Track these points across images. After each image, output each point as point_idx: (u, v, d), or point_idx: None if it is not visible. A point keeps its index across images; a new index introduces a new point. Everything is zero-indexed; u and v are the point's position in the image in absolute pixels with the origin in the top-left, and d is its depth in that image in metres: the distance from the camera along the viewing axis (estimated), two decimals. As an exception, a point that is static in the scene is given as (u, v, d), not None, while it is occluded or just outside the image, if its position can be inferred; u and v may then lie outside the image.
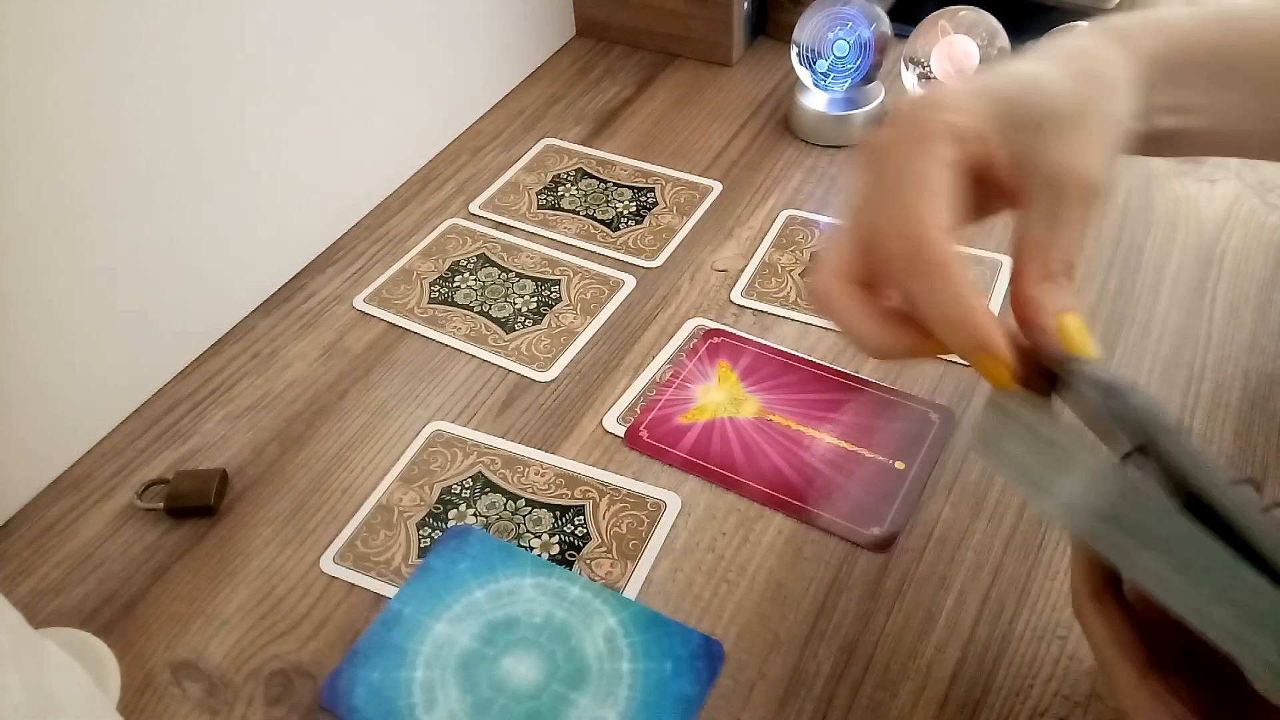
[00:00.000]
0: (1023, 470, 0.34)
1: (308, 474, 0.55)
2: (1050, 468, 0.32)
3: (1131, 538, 0.30)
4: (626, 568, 0.50)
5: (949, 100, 0.34)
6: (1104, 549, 0.31)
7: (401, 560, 0.51)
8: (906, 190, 0.32)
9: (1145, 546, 0.30)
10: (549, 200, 0.73)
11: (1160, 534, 0.30)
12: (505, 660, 0.46)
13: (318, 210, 0.69)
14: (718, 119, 0.80)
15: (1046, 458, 0.33)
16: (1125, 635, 0.34)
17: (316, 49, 0.64)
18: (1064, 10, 0.83)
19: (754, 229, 0.70)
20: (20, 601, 0.49)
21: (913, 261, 0.31)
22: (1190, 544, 0.30)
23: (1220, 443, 0.54)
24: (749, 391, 0.58)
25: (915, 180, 0.32)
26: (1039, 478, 0.33)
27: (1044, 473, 0.33)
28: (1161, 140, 0.40)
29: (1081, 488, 0.31)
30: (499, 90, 0.84)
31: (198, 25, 0.55)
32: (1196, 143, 0.41)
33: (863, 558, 0.50)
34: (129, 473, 0.56)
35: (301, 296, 0.66)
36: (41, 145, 0.49)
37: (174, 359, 0.61)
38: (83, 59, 0.49)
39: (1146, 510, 0.30)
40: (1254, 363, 0.59)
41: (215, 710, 0.45)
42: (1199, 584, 0.30)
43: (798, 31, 0.76)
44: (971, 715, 0.44)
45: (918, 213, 0.31)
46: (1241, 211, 0.69)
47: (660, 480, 0.54)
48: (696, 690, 0.45)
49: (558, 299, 0.65)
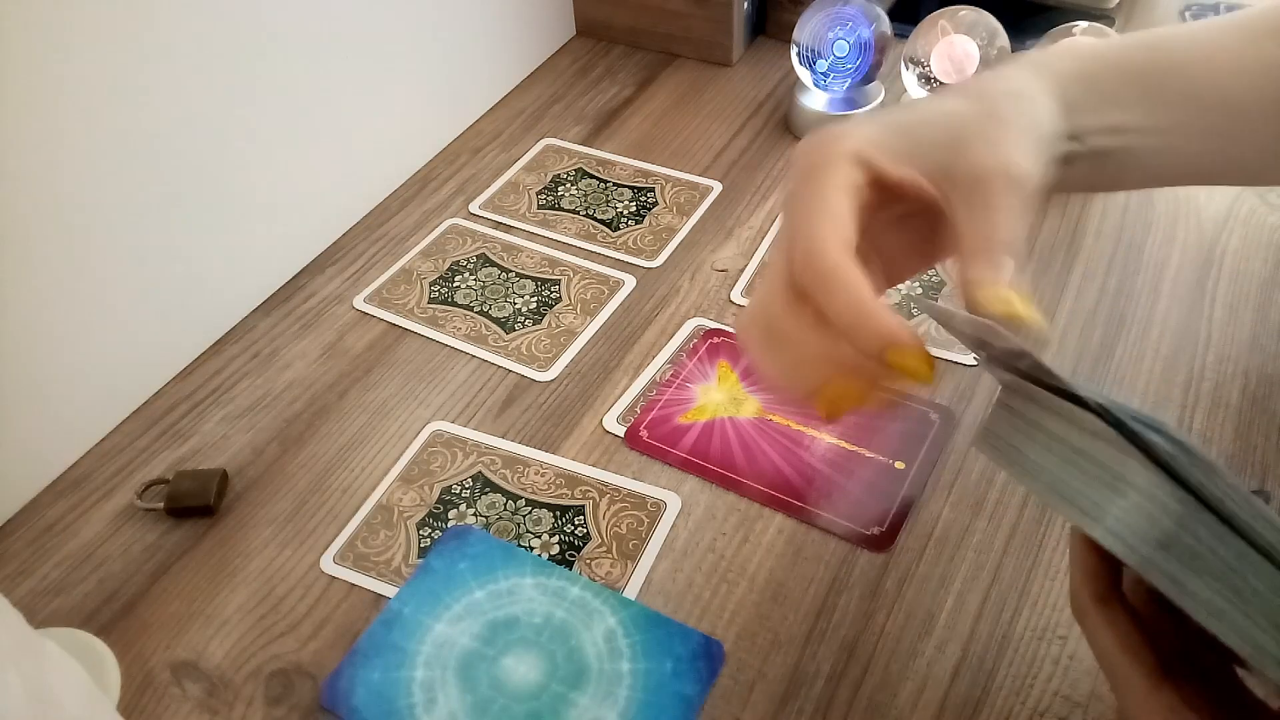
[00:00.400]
0: (1056, 488, 0.31)
1: (308, 474, 0.55)
2: (1093, 488, 0.30)
3: (1187, 566, 0.29)
4: (626, 568, 0.50)
5: (848, 131, 0.36)
6: (1156, 578, 0.29)
7: (401, 560, 0.51)
8: (808, 216, 0.34)
9: (1200, 574, 0.29)
10: (549, 200, 0.73)
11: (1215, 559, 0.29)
12: (505, 660, 0.46)
13: (318, 210, 0.69)
14: (718, 119, 0.80)
15: (1087, 475, 0.30)
16: (1135, 642, 0.33)
17: (317, 49, 0.64)
18: (1064, 10, 0.83)
19: (754, 229, 0.70)
20: (20, 601, 0.49)
21: (813, 274, 0.33)
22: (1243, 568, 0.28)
23: (1220, 443, 0.54)
24: (749, 391, 0.58)
25: (816, 205, 0.34)
26: (1080, 499, 0.30)
27: (1086, 493, 0.30)
28: (1109, 163, 0.40)
29: (1137, 515, 0.29)
30: (499, 90, 0.84)
31: (198, 25, 0.55)
32: (1147, 165, 0.41)
33: (863, 558, 0.50)
34: (129, 473, 0.56)
35: (301, 296, 0.66)
36: (42, 146, 0.49)
37: (174, 359, 0.61)
38: (84, 60, 0.49)
39: (1199, 535, 0.28)
40: (1254, 363, 0.59)
41: (215, 710, 0.45)
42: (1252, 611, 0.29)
43: (798, 31, 0.76)
44: (971, 715, 0.44)
45: (818, 232, 0.33)
46: (1241, 211, 0.69)
47: (660, 480, 0.54)
48: (696, 690, 0.45)
49: (558, 299, 0.65)
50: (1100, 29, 0.71)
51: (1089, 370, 0.59)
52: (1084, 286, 0.64)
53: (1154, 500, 0.29)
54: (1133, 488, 0.29)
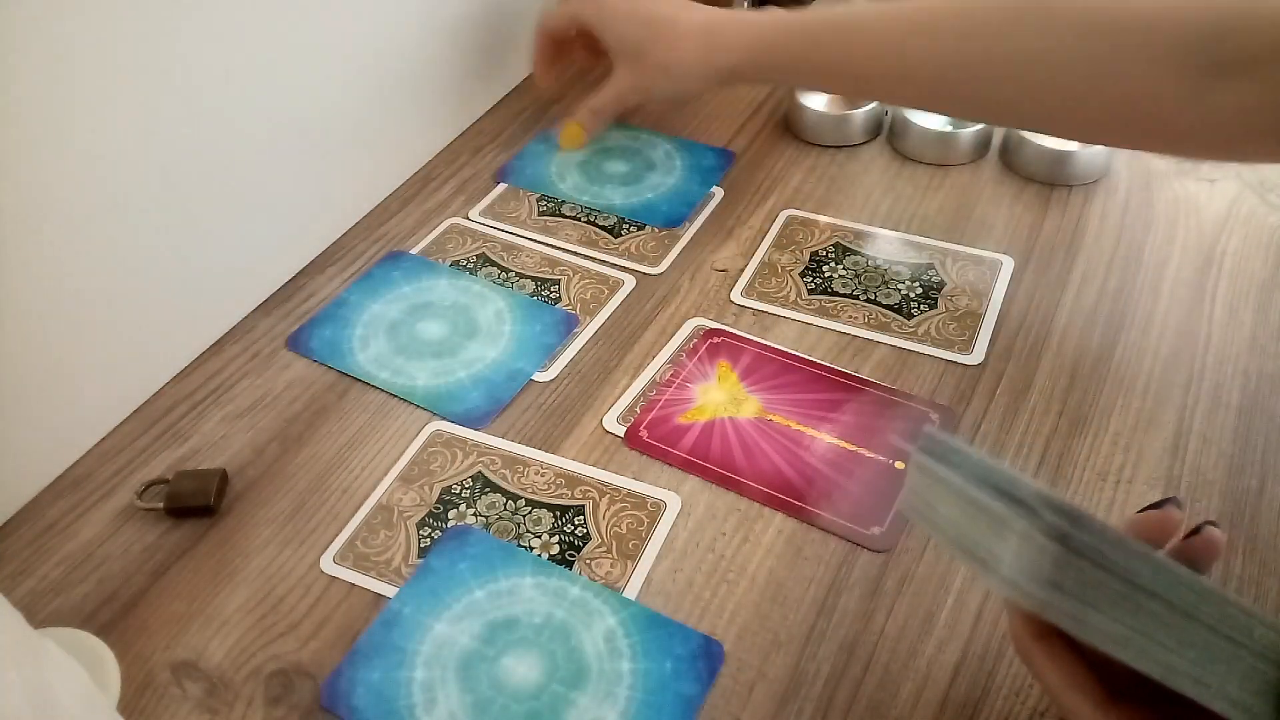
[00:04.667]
0: (960, 541, 0.33)
1: (308, 474, 0.55)
2: (986, 537, 0.31)
3: (1080, 602, 0.30)
4: (626, 568, 0.50)
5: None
6: (1056, 617, 0.30)
7: (401, 560, 0.51)
8: None
9: (1096, 607, 0.30)
10: (549, 207, 0.72)
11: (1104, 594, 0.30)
12: (505, 660, 0.46)
13: (318, 210, 0.69)
14: (718, 119, 0.80)
15: (979, 525, 0.31)
16: (1078, 675, 0.34)
17: (317, 49, 0.64)
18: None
19: (754, 229, 0.70)
20: (20, 601, 0.49)
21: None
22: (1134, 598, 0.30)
23: (1220, 443, 0.54)
24: (749, 391, 0.58)
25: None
26: (979, 549, 0.32)
27: (983, 543, 0.31)
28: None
29: (1021, 558, 0.30)
30: (499, 90, 0.84)
31: (199, 25, 0.55)
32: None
33: (863, 558, 0.50)
34: (129, 473, 0.56)
35: (301, 296, 0.66)
36: (41, 146, 0.49)
37: (174, 359, 0.61)
38: (83, 61, 0.49)
39: (1083, 572, 0.30)
40: (1254, 363, 0.59)
41: (215, 710, 0.45)
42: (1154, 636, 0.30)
43: (798, 31, 0.76)
44: (971, 715, 0.44)
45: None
46: (1241, 211, 0.69)
47: (660, 480, 0.54)
48: (696, 690, 0.45)
49: (558, 299, 0.65)
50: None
51: (1089, 370, 0.59)
52: (1084, 286, 0.64)
53: (1031, 541, 0.30)
54: (1012, 531, 0.30)
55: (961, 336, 0.61)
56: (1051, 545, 0.29)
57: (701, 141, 0.78)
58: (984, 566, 0.32)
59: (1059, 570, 0.29)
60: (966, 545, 0.32)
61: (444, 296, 0.65)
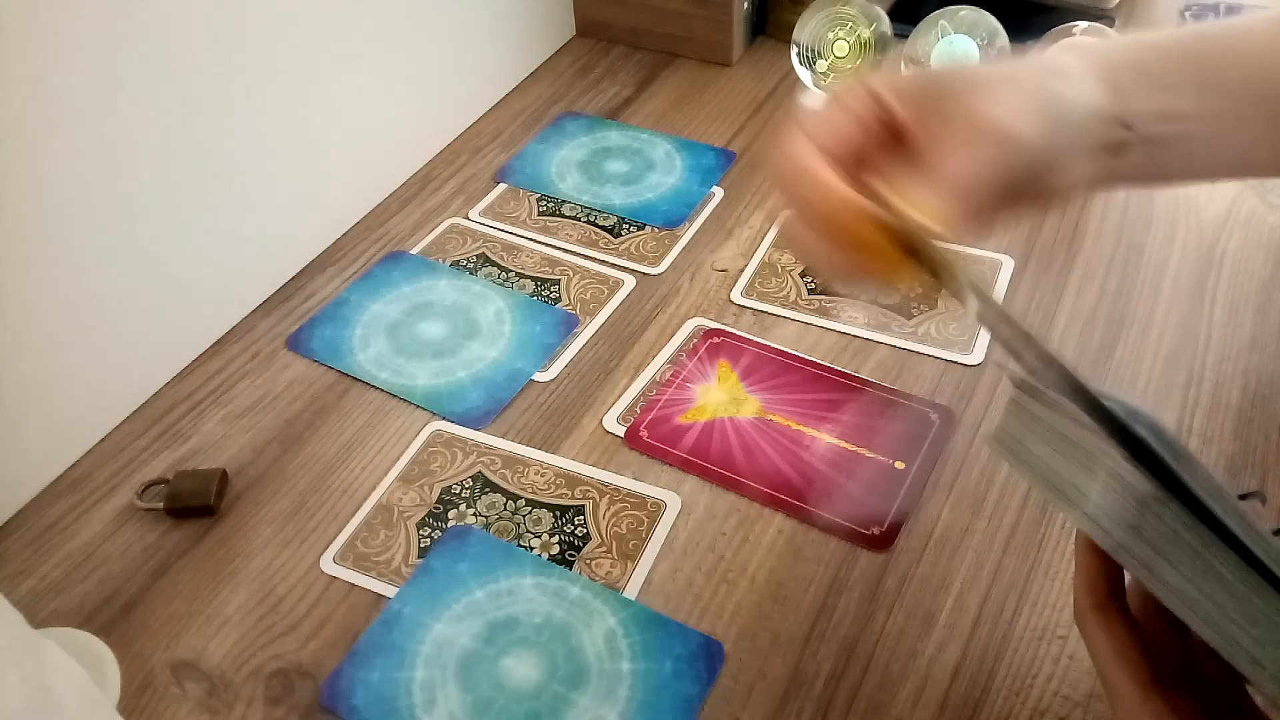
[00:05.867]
0: (1048, 477, 0.32)
1: (308, 474, 0.55)
2: (1074, 473, 0.31)
3: (1158, 551, 0.29)
4: (626, 568, 0.50)
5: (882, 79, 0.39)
6: (1129, 563, 0.30)
7: (401, 560, 0.51)
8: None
9: (1171, 561, 0.29)
10: (549, 207, 0.72)
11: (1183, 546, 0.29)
12: (505, 660, 0.46)
13: (318, 210, 0.69)
14: (718, 119, 0.80)
15: (1070, 461, 0.31)
16: (1129, 650, 0.33)
17: (317, 49, 0.64)
18: (1064, 10, 0.83)
19: (754, 229, 0.70)
20: (20, 601, 0.49)
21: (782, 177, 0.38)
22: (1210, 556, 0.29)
23: (1220, 443, 0.54)
24: (749, 391, 0.58)
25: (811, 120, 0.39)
26: (1065, 485, 0.31)
27: (1070, 479, 0.31)
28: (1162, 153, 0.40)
29: (1108, 496, 0.30)
30: (499, 90, 0.84)
31: (199, 25, 0.55)
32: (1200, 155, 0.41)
33: (863, 558, 0.50)
34: (129, 473, 0.56)
35: (301, 296, 0.66)
36: (41, 146, 0.49)
37: (174, 359, 0.61)
38: (83, 60, 0.49)
39: (1164, 518, 0.29)
40: (1254, 363, 0.59)
41: (215, 710, 0.45)
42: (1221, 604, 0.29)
43: (798, 31, 0.76)
44: (971, 715, 0.44)
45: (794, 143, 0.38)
46: (1241, 211, 0.69)
47: (660, 480, 0.54)
48: (696, 690, 0.45)
49: (558, 299, 0.65)
50: (1100, 29, 0.71)
51: (1089, 370, 0.59)
52: (1084, 286, 0.64)
53: (1119, 480, 0.29)
54: (1102, 468, 0.30)
55: (961, 336, 0.61)
56: (1140, 488, 0.29)
57: (701, 141, 0.78)
58: (1068, 502, 0.31)
59: (1141, 514, 0.29)
60: (1053, 480, 0.32)
61: (444, 296, 0.65)
